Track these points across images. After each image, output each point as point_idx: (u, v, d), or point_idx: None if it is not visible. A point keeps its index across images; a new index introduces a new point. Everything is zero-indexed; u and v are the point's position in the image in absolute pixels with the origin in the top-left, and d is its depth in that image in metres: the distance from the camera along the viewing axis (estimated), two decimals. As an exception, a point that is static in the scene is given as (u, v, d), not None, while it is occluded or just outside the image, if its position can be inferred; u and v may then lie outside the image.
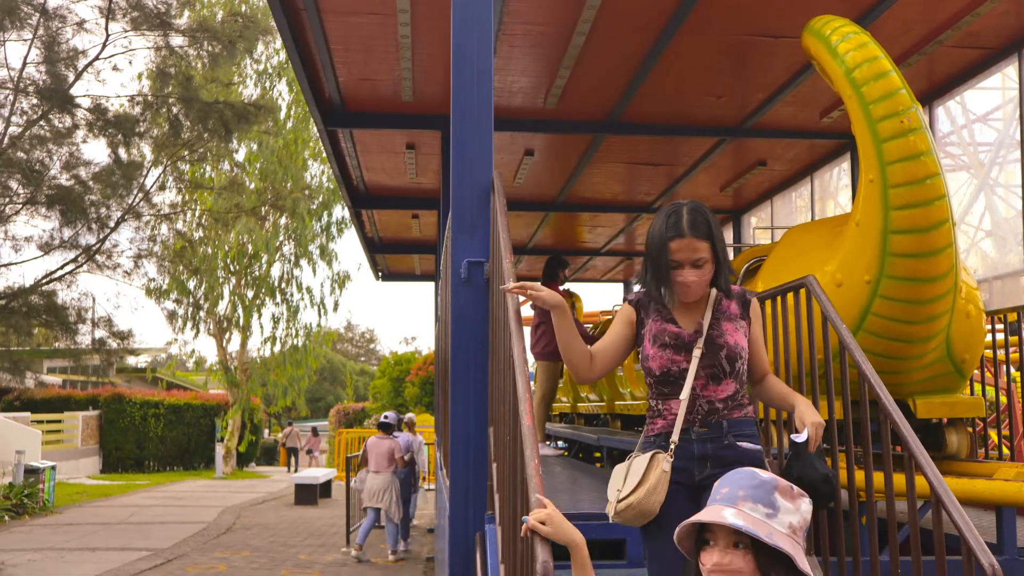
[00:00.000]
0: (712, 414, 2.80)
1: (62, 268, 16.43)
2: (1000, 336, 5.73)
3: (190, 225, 25.23)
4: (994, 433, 6.37)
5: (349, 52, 7.17)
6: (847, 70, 4.16)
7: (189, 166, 20.55)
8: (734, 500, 1.77)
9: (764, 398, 3.02)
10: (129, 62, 33.71)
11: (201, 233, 25.45)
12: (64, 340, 16.67)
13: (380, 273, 17.34)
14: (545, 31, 6.66)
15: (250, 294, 26.58)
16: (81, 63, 15.67)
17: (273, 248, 25.96)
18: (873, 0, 6.14)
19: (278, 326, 26.71)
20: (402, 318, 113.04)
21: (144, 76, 19.40)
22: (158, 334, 53.29)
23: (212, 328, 26.87)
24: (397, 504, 11.11)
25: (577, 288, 22.18)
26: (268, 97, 24.94)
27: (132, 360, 22.70)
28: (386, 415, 11.73)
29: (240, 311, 26.62)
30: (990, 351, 5.72)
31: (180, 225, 23.92)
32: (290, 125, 25.78)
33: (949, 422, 5.11)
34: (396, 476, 11.16)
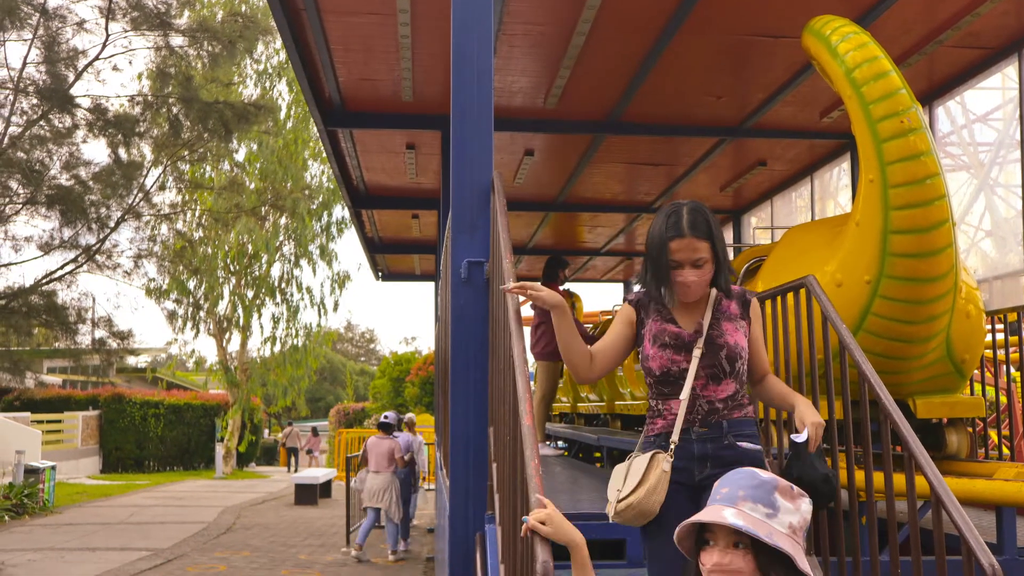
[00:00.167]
0: (712, 414, 2.79)
1: (62, 268, 16.43)
2: (1000, 336, 5.73)
3: (190, 225, 25.23)
4: (994, 433, 6.37)
5: (349, 52, 7.17)
6: (847, 70, 4.16)
7: (189, 166, 20.55)
8: (734, 500, 1.76)
9: (764, 398, 3.02)
10: (129, 62, 33.76)
11: (201, 233, 25.45)
12: (64, 340, 16.67)
13: (380, 273, 17.33)
14: (545, 31, 6.66)
15: (250, 294, 26.58)
16: (81, 63, 15.68)
17: (273, 248, 25.96)
18: (873, 0, 6.14)
19: (278, 326, 26.73)
20: (402, 318, 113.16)
21: (144, 76, 19.40)
22: (158, 334, 53.30)
23: (212, 328, 26.87)
24: (397, 504, 11.10)
25: (577, 288, 22.18)
26: (268, 97, 24.93)
27: (132, 360, 22.73)
28: (386, 415, 11.72)
29: (240, 311, 26.63)
30: (990, 351, 5.72)
31: (180, 225, 23.92)
32: (290, 125, 25.78)
33: (949, 422, 5.12)
34: (396, 476, 11.16)
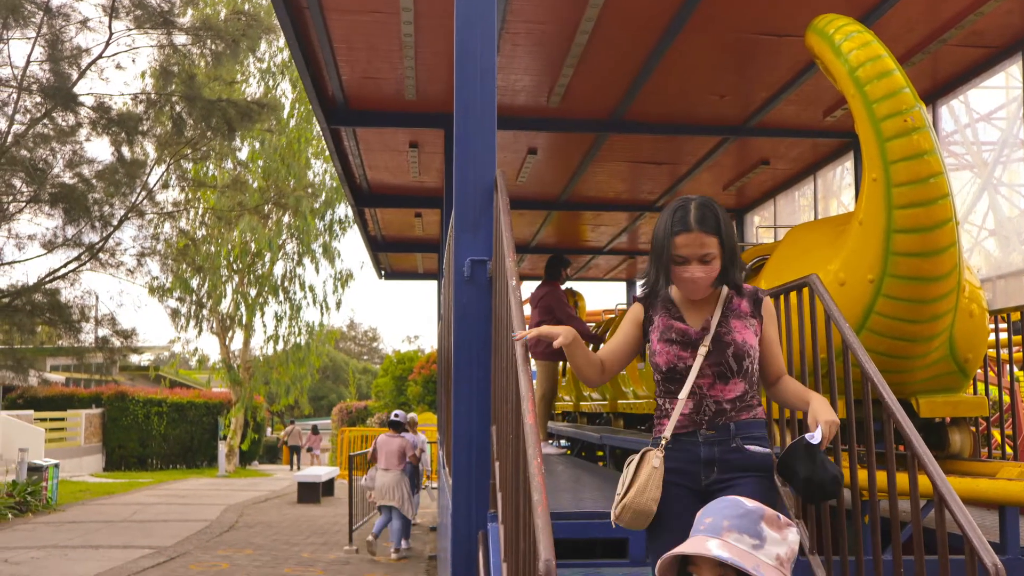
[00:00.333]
0: (719, 415, 2.72)
1: (65, 266, 16.44)
2: (1003, 335, 5.72)
3: (193, 223, 25.27)
4: (997, 432, 6.36)
5: (352, 50, 7.17)
6: (850, 69, 4.16)
7: (192, 164, 20.55)
8: (719, 530, 1.70)
9: (780, 399, 2.92)
10: (132, 60, 33.63)
11: (204, 231, 25.49)
12: (67, 338, 16.67)
13: (383, 271, 17.34)
14: (548, 29, 6.65)
15: (253, 292, 26.60)
16: (84, 61, 15.67)
17: (276, 246, 25.99)
18: (877, -1, 6.13)
19: (281, 324, 26.76)
20: (405, 317, 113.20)
21: (147, 74, 19.41)
22: (161, 332, 53.41)
23: (215, 326, 26.90)
24: (408, 501, 11.19)
25: (580, 287, 22.16)
26: (271, 95, 24.95)
27: (135, 358, 22.75)
28: (396, 413, 11.86)
29: (243, 309, 26.66)
30: (993, 350, 5.70)
31: (183, 223, 23.94)
32: (293, 123, 25.80)
33: (952, 421, 5.11)
34: (405, 474, 11.23)
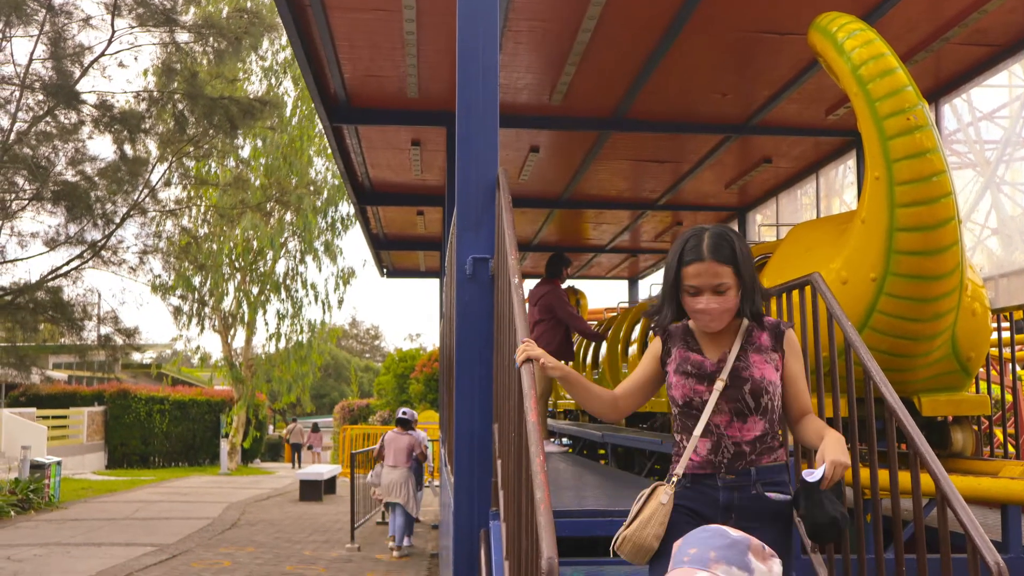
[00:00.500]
0: (739, 459, 2.58)
1: (68, 264, 16.46)
2: (1006, 334, 5.72)
3: (195, 221, 25.28)
4: (999, 431, 6.36)
5: (354, 48, 7.16)
6: (853, 67, 4.15)
7: (194, 162, 20.57)
8: (705, 562, 1.62)
9: (801, 439, 2.73)
10: (135, 58, 33.65)
11: (206, 229, 25.50)
12: (70, 336, 16.69)
13: (385, 269, 17.34)
14: (550, 28, 6.65)
15: (255, 290, 26.62)
16: (87, 59, 15.69)
17: (278, 244, 25.99)
18: (879, -3, 6.12)
19: (283, 322, 26.77)
20: (407, 314, 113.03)
21: (149, 72, 19.42)
22: (163, 330, 53.48)
23: (217, 324, 26.93)
24: (414, 498, 11.20)
25: (581, 285, 22.17)
26: (273, 93, 24.95)
27: (137, 356, 22.73)
28: (404, 411, 11.90)
29: (245, 307, 26.67)
30: (996, 349, 5.70)
31: (185, 221, 23.95)
32: (295, 121, 25.81)
33: (954, 420, 5.11)
34: (411, 472, 11.25)
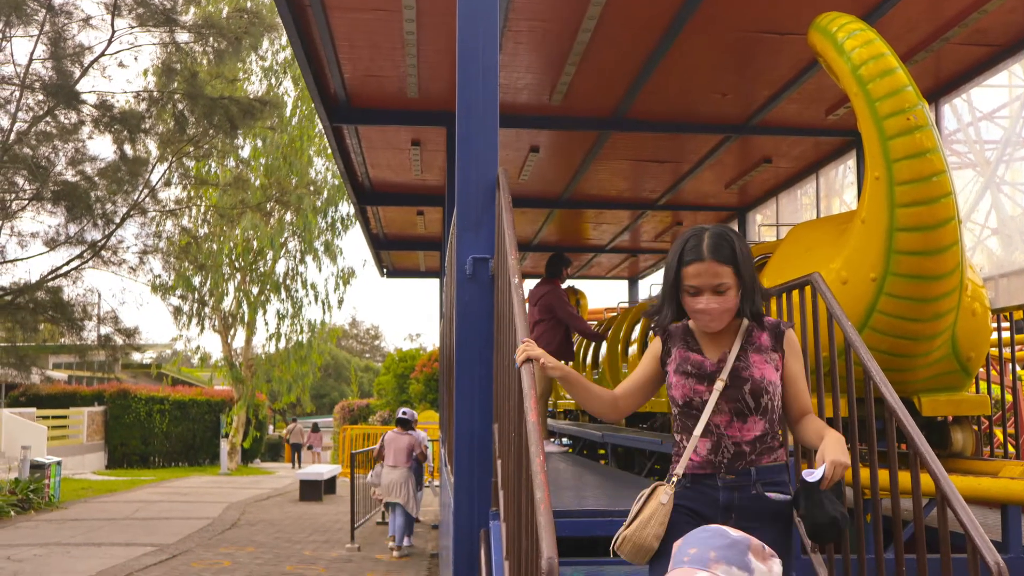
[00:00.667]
0: (739, 459, 2.59)
1: (68, 264, 16.46)
2: (1006, 334, 5.72)
3: (195, 221, 25.28)
4: (999, 431, 6.36)
5: (354, 48, 7.16)
6: (853, 67, 4.15)
7: (194, 162, 20.57)
8: (706, 562, 1.61)
9: (801, 439, 2.75)
10: (135, 58, 33.64)
11: (206, 229, 25.50)
12: (70, 336, 16.70)
13: (385, 269, 17.34)
14: (550, 28, 6.65)
15: (255, 290, 26.62)
16: (87, 59, 15.69)
17: (278, 244, 26.00)
18: (879, -3, 6.12)
19: (283, 322, 26.78)
20: (407, 314, 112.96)
21: (149, 72, 19.42)
22: (163, 330, 53.51)
23: (217, 324, 26.93)
24: (414, 498, 11.20)
25: (582, 285, 22.17)
26: (273, 93, 24.95)
27: (137, 356, 22.73)
28: (405, 411, 11.91)
29: (245, 307, 26.68)
30: (996, 349, 5.70)
31: (185, 221, 23.95)
32: (295, 121, 25.81)
33: (954, 420, 5.11)
34: (411, 472, 11.26)
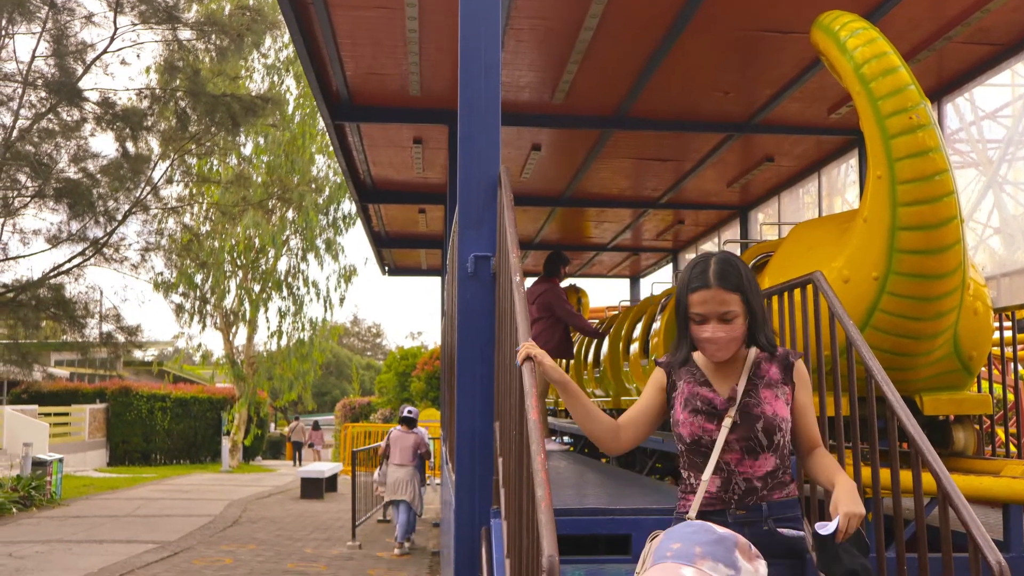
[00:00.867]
0: (750, 495, 2.54)
1: (70, 261, 16.48)
2: (1008, 333, 5.71)
3: (197, 219, 25.30)
4: (1001, 431, 6.35)
5: (357, 46, 7.16)
6: (855, 66, 4.15)
7: (196, 160, 20.59)
8: (691, 558, 1.56)
9: (811, 475, 2.68)
10: (137, 56, 33.78)
11: (208, 227, 25.52)
12: (72, 333, 16.73)
13: (387, 267, 17.34)
14: (552, 26, 6.65)
15: (257, 288, 26.65)
16: (89, 57, 15.71)
17: (280, 242, 26.01)
18: (882, -5, 6.11)
19: (284, 320, 26.81)
20: (408, 313, 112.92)
21: (152, 70, 19.45)
22: (165, 328, 53.61)
23: (219, 322, 26.96)
24: (419, 495, 11.24)
25: (583, 284, 22.17)
26: (275, 91, 24.96)
27: (139, 353, 22.76)
28: (409, 410, 11.92)
29: (247, 305, 26.70)
30: (998, 348, 5.70)
31: (187, 219, 23.97)
32: (297, 119, 25.82)
33: (956, 419, 5.10)
34: (417, 470, 11.28)
